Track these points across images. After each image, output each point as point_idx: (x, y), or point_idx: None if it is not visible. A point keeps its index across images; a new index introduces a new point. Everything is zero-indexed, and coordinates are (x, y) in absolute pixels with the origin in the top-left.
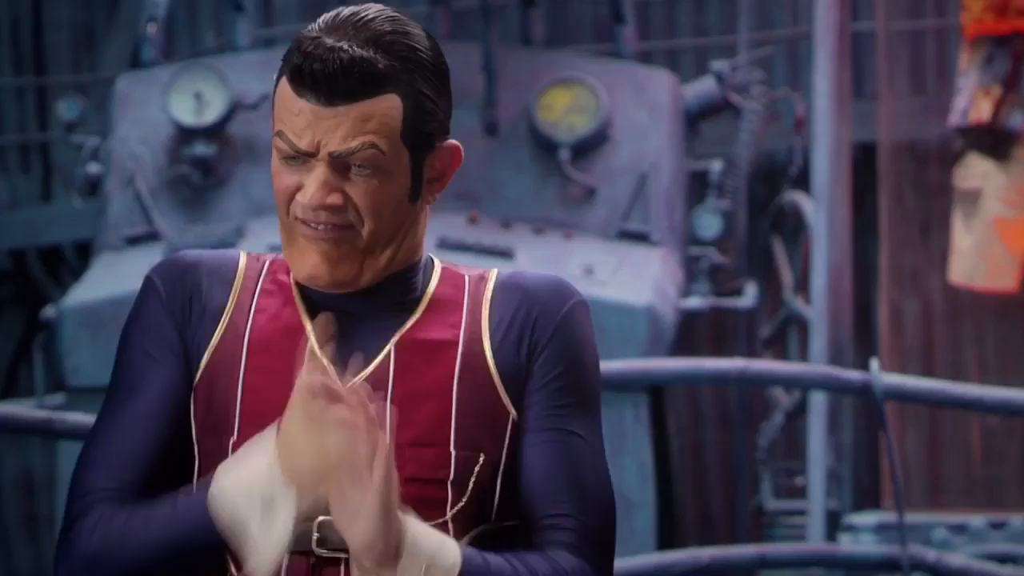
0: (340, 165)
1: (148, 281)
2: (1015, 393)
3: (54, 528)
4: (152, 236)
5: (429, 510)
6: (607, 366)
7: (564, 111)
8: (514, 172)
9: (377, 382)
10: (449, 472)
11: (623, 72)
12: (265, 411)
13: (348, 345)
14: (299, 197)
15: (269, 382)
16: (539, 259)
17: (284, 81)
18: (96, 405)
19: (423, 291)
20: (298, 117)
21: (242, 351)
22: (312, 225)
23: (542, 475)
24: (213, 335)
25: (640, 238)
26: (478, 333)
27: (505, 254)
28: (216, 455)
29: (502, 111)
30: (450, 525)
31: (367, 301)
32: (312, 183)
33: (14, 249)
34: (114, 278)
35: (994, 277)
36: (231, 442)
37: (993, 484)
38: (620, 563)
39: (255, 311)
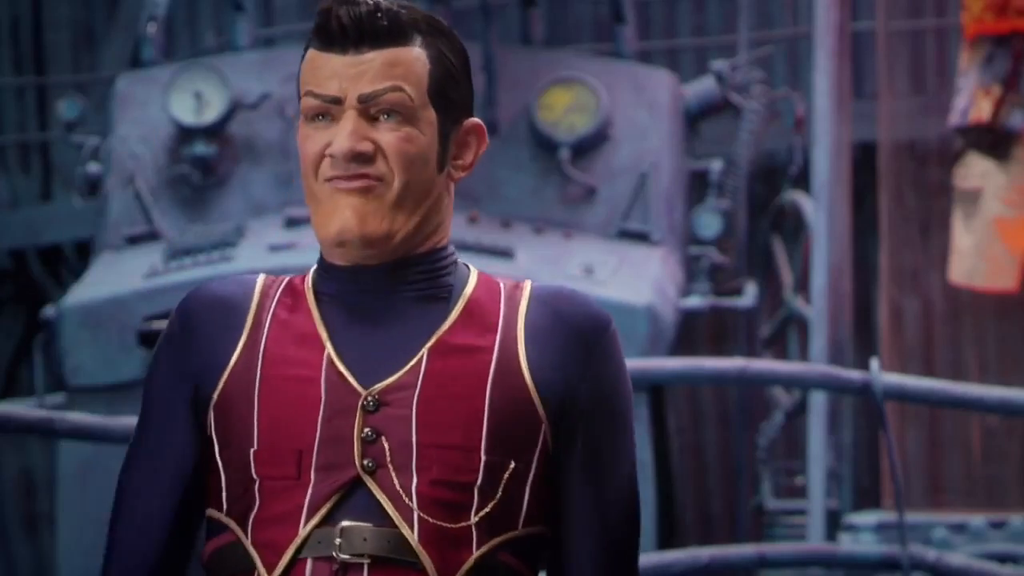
0: (368, 112)
1: (171, 323)
2: (1015, 393)
3: (54, 528)
4: (152, 235)
5: (453, 514)
6: None
7: (564, 111)
8: (514, 172)
9: (405, 384)
10: (476, 477)
11: (623, 72)
12: (281, 419)
13: (374, 348)
14: (329, 150)
15: (283, 390)
16: (539, 259)
17: (309, 52)
18: (96, 405)
19: (458, 292)
20: (324, 69)
21: (258, 364)
22: (343, 182)
23: (580, 505)
24: (232, 354)
25: (640, 238)
26: (513, 341)
27: (505, 254)
28: (239, 467)
29: (502, 111)
30: (473, 530)
31: (391, 297)
32: (342, 132)
33: (14, 249)
34: (114, 278)
35: (994, 277)
36: (252, 452)
37: (993, 484)
38: None
39: (271, 322)
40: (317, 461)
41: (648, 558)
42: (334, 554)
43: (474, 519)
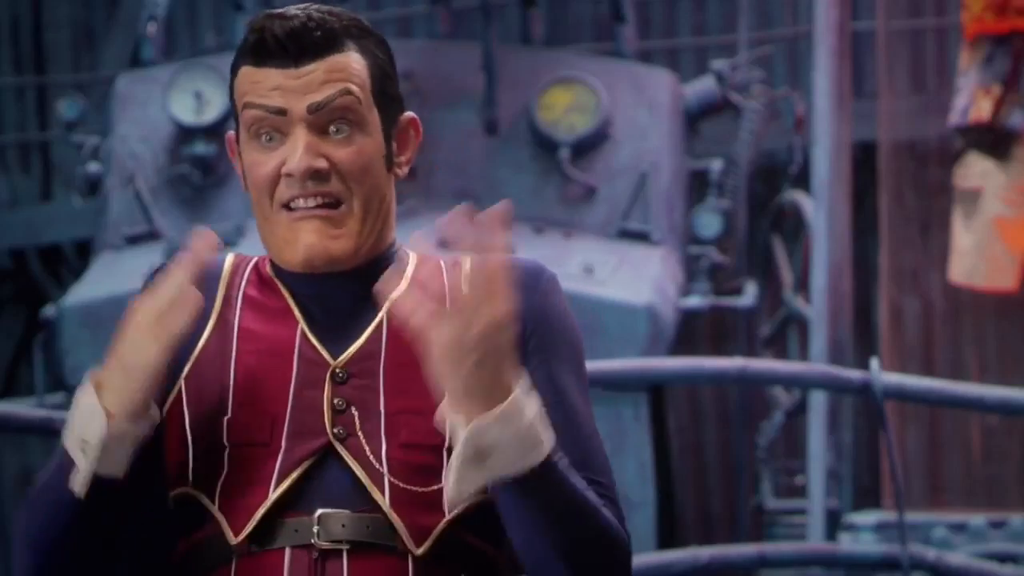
0: (318, 124)
1: (144, 291)
2: (1015, 392)
3: None
4: (152, 235)
5: (425, 476)
6: (607, 365)
7: (564, 110)
8: (514, 171)
9: (368, 354)
10: (444, 438)
11: (623, 71)
12: (256, 389)
13: (340, 325)
14: (285, 168)
15: (258, 363)
16: (539, 258)
17: (242, 68)
18: None
19: (404, 271)
20: (265, 83)
21: (232, 339)
22: (301, 201)
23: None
24: (205, 328)
25: (640, 237)
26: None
27: None
28: (210, 436)
29: (502, 110)
30: (444, 494)
31: (349, 288)
32: (295, 149)
33: (14, 248)
34: (114, 277)
35: (994, 276)
36: (225, 420)
37: (993, 483)
38: None
39: (242, 300)
40: (289, 428)
41: (648, 558)
42: (313, 541)
43: (444, 482)
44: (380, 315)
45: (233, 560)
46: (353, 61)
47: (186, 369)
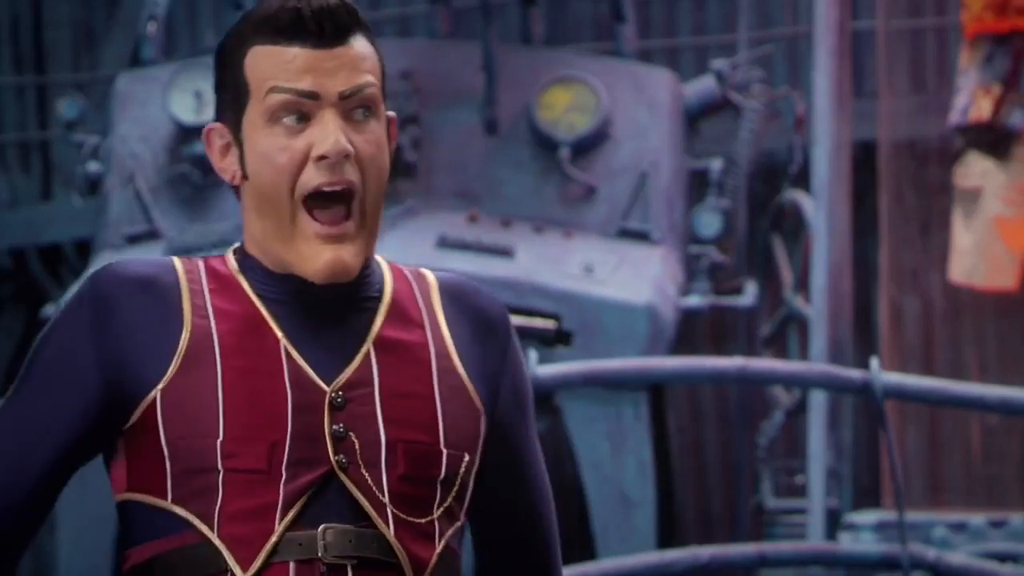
0: (344, 110)
1: (81, 296)
2: (1015, 392)
3: (54, 527)
4: (152, 234)
5: (423, 508)
6: (607, 365)
7: (564, 110)
8: (514, 171)
9: (361, 381)
10: (440, 471)
11: (623, 71)
12: (250, 413)
13: (322, 344)
14: (318, 150)
15: (248, 384)
16: (539, 258)
17: (258, 47)
18: None
19: (379, 286)
20: (293, 63)
21: (214, 354)
22: (327, 191)
23: (510, 494)
24: (178, 341)
25: (640, 237)
26: (441, 335)
27: (505, 253)
28: (195, 457)
29: (502, 110)
30: (436, 524)
31: (329, 297)
32: (328, 131)
33: (14, 248)
34: None
35: (994, 276)
36: (218, 443)
37: (993, 483)
38: (620, 562)
39: (214, 312)
40: (289, 456)
41: (648, 557)
42: (320, 555)
43: (437, 513)
44: (367, 346)
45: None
46: (371, 50)
47: (164, 380)
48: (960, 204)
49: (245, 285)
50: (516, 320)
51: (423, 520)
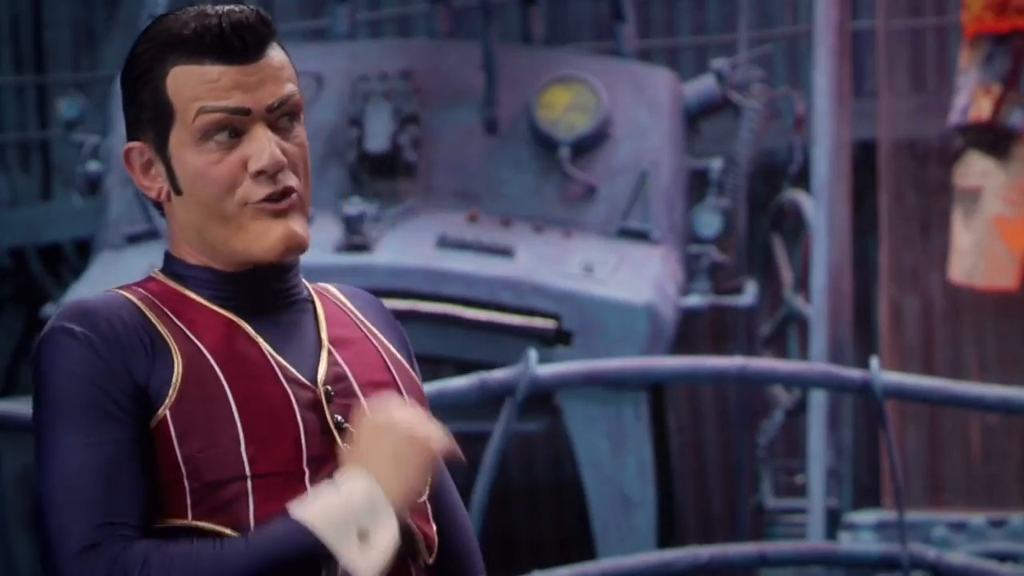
0: (270, 121)
1: (66, 331)
2: (1015, 391)
3: None
4: (152, 234)
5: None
6: (607, 365)
7: (564, 109)
8: (514, 170)
9: (337, 376)
10: None
11: (623, 70)
12: (260, 413)
13: (289, 344)
14: (256, 166)
15: (254, 389)
16: (539, 257)
17: (179, 67)
18: None
19: (308, 292)
20: (219, 82)
21: (214, 368)
22: (274, 198)
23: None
24: (173, 364)
25: (640, 236)
26: (371, 329)
27: (505, 252)
28: (217, 468)
29: (502, 109)
30: (427, 505)
31: (280, 290)
32: (262, 145)
33: (14, 247)
34: (114, 276)
35: (994, 275)
36: (243, 451)
37: (993, 482)
38: (620, 561)
39: (188, 327)
40: (308, 453)
41: (648, 557)
42: None
43: (427, 493)
44: (326, 345)
45: None
46: (283, 56)
47: (169, 399)
48: (960, 204)
49: (197, 297)
50: (516, 320)
51: (420, 500)
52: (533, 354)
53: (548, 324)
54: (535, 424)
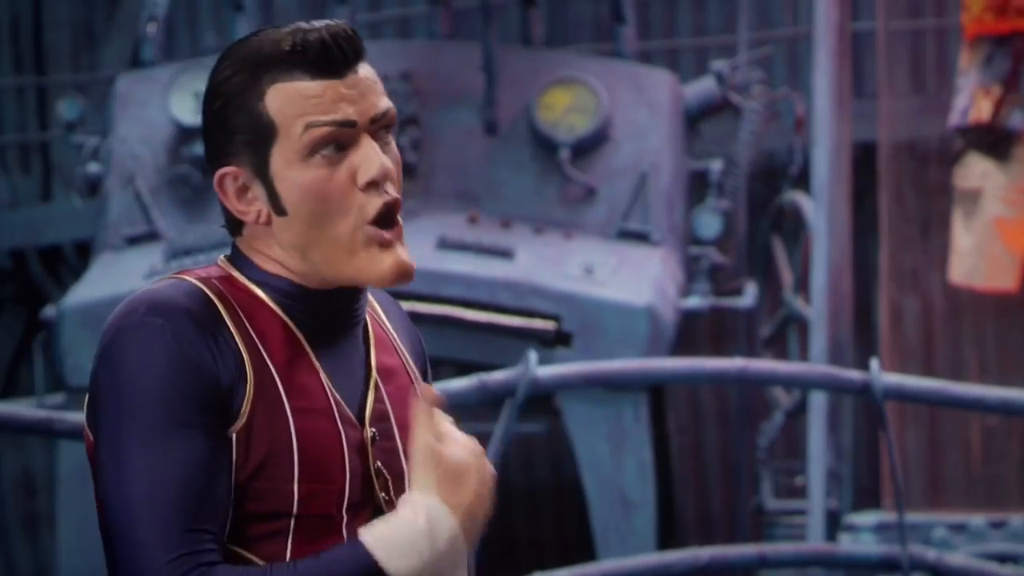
0: (373, 133)
1: (152, 323)
2: (1015, 393)
3: (54, 527)
4: (152, 236)
5: None
6: (607, 365)
7: (564, 111)
8: (514, 172)
9: (381, 414)
10: None
11: (623, 72)
12: (320, 458)
13: (342, 372)
14: (368, 176)
15: (314, 427)
16: (539, 259)
17: (281, 84)
18: None
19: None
20: (324, 97)
21: (280, 395)
22: (385, 221)
23: None
24: (245, 373)
25: (640, 238)
26: (405, 355)
27: (505, 254)
28: (266, 499)
29: (502, 111)
30: None
31: (348, 317)
32: (370, 155)
33: (14, 249)
34: (114, 278)
35: (994, 277)
36: (295, 490)
37: (993, 484)
38: (620, 563)
39: (259, 339)
40: (350, 499)
41: (648, 558)
42: None
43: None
44: (374, 376)
45: None
46: (373, 69)
47: (240, 420)
48: (960, 205)
49: (269, 301)
50: (516, 321)
51: None
52: (533, 355)
53: (548, 325)
54: (535, 425)
